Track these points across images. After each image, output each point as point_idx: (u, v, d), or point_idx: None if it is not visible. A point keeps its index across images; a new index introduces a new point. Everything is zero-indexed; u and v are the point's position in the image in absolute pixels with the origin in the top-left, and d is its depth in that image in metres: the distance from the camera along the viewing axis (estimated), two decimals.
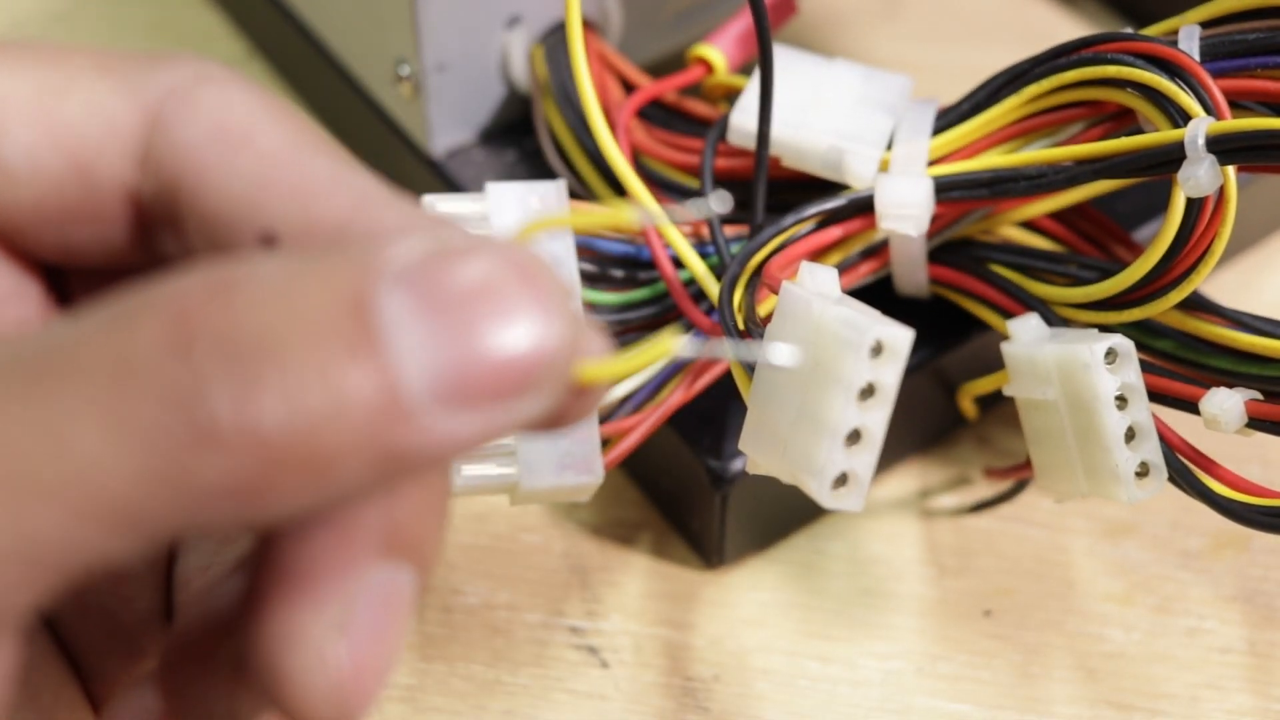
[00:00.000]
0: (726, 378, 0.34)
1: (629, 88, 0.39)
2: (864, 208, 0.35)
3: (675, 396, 0.34)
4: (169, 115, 0.20)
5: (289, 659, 0.19)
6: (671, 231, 0.34)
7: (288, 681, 0.19)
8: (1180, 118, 0.31)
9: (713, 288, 0.34)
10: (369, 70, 0.44)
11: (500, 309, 0.18)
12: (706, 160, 0.36)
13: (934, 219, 0.35)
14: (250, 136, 0.20)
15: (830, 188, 0.36)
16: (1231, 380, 0.32)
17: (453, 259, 0.18)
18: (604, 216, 0.19)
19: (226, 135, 0.20)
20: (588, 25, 0.40)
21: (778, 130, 0.36)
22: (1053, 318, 0.34)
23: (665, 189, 0.38)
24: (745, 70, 0.38)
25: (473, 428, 0.18)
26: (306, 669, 0.19)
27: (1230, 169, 0.31)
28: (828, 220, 0.35)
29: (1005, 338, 0.34)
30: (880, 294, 0.36)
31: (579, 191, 0.38)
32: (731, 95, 0.38)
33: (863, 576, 0.39)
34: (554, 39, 0.40)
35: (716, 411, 0.37)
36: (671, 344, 0.19)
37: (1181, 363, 0.34)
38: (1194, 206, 0.31)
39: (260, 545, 0.20)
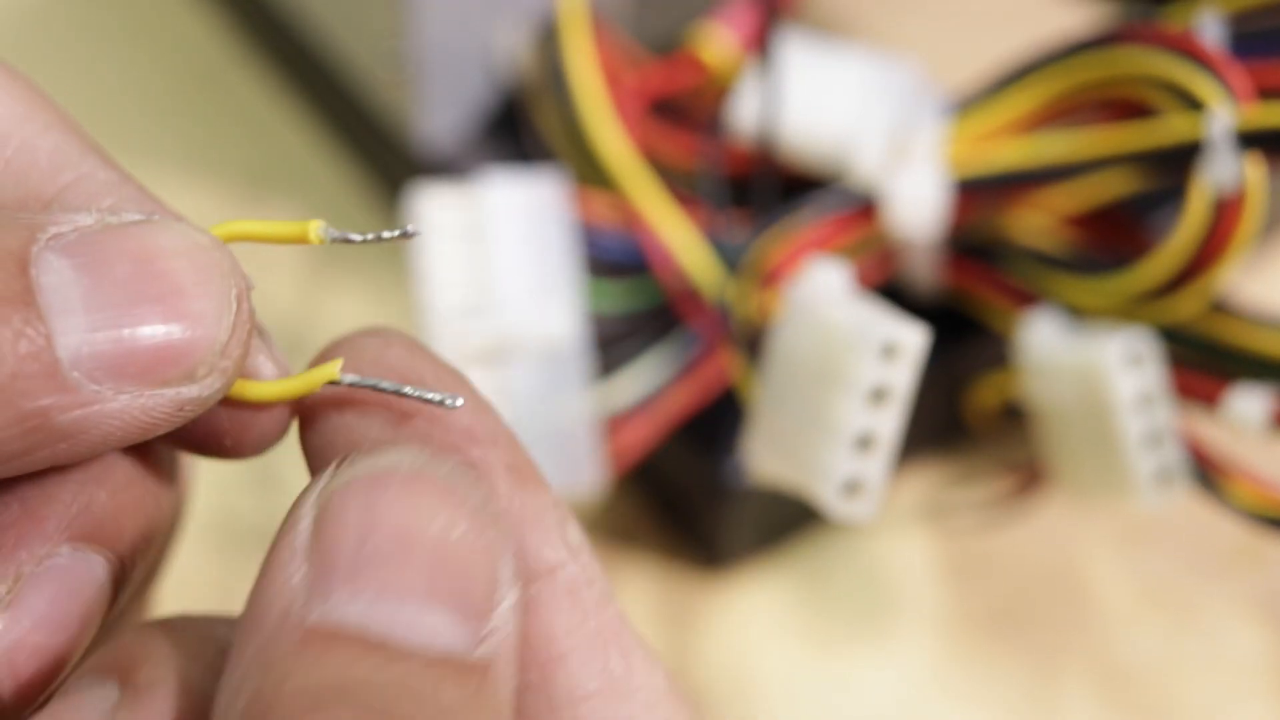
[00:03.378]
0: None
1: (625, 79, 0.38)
2: (873, 203, 0.34)
3: (681, 399, 0.34)
4: None
5: None
6: (669, 227, 0.34)
7: None
8: (1203, 111, 0.30)
9: (710, 287, 0.33)
10: (358, 64, 0.44)
11: (160, 287, 0.17)
12: (706, 154, 0.35)
13: (946, 215, 0.34)
14: None
15: (837, 182, 0.35)
16: (1255, 381, 0.31)
17: (121, 230, 0.18)
18: (292, 228, 0.19)
19: None
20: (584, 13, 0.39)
21: (781, 123, 0.35)
22: (1069, 317, 0.33)
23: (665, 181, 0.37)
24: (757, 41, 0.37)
25: (126, 404, 0.17)
26: None
27: (1259, 165, 0.30)
28: (835, 216, 0.34)
29: (1018, 339, 0.34)
30: (890, 295, 0.35)
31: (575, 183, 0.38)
32: (733, 86, 0.37)
33: (872, 583, 0.39)
34: (548, 28, 0.39)
35: (722, 414, 0.36)
36: (333, 370, 0.19)
37: (1203, 363, 0.33)
38: (1214, 202, 0.30)
39: None
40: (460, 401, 0.19)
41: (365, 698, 0.15)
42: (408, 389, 0.19)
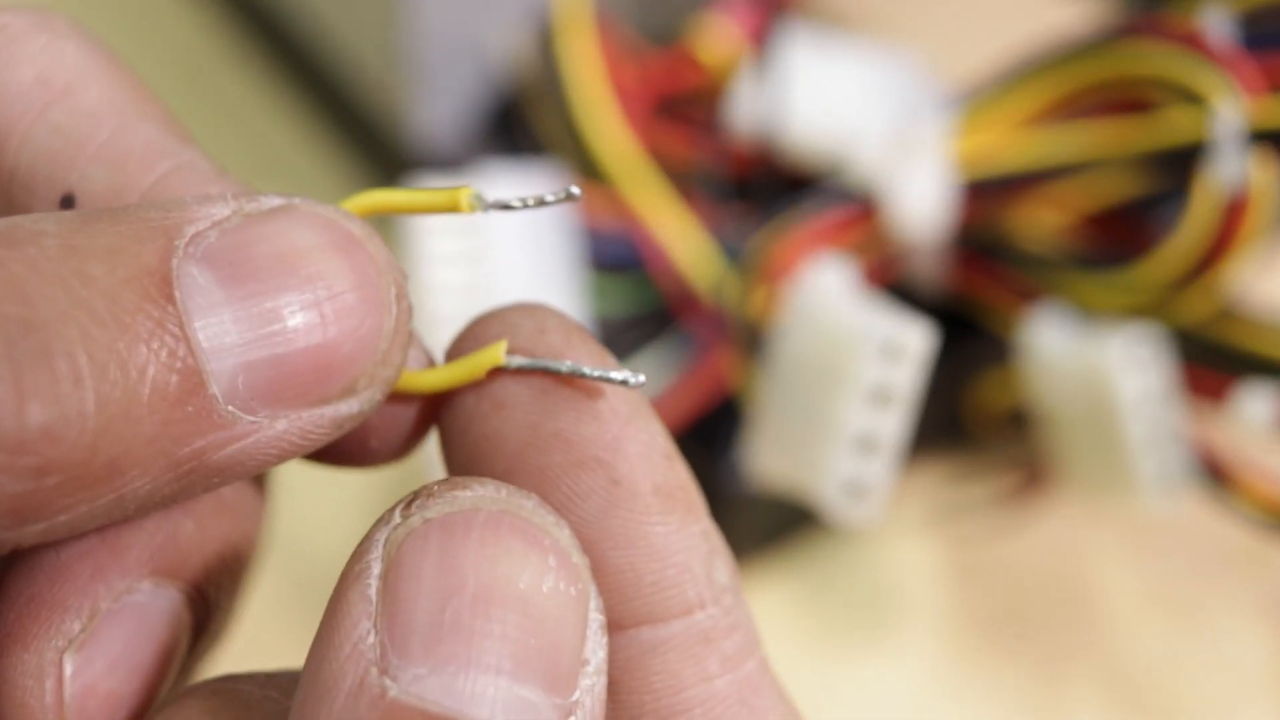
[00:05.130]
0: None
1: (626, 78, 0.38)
2: (876, 200, 0.34)
3: (683, 400, 0.33)
4: None
5: (8, 672, 0.16)
6: (669, 225, 0.33)
7: (4, 698, 0.16)
8: (1211, 108, 0.30)
9: (711, 286, 0.33)
10: (351, 56, 0.43)
11: (315, 293, 0.15)
12: (707, 152, 0.35)
13: (951, 215, 0.33)
14: (72, 90, 0.18)
15: (838, 177, 0.34)
16: (1263, 382, 0.31)
17: (263, 225, 0.16)
18: (441, 197, 0.17)
19: (47, 85, 0.18)
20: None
21: (784, 119, 0.34)
22: (1075, 316, 0.33)
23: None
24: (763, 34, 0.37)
25: (284, 429, 0.16)
26: (24, 685, 0.16)
27: (1268, 161, 0.29)
28: (837, 213, 0.34)
29: (1022, 338, 0.33)
30: (897, 295, 0.35)
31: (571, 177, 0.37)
32: (734, 81, 0.37)
33: (876, 586, 0.38)
34: (547, 24, 0.39)
35: (723, 416, 0.36)
36: (498, 354, 0.17)
37: (1208, 362, 0.32)
38: (1223, 197, 0.30)
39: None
40: (643, 379, 0.17)
41: None
42: (587, 369, 0.17)
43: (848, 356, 0.28)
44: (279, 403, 0.15)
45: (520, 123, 0.41)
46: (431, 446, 0.19)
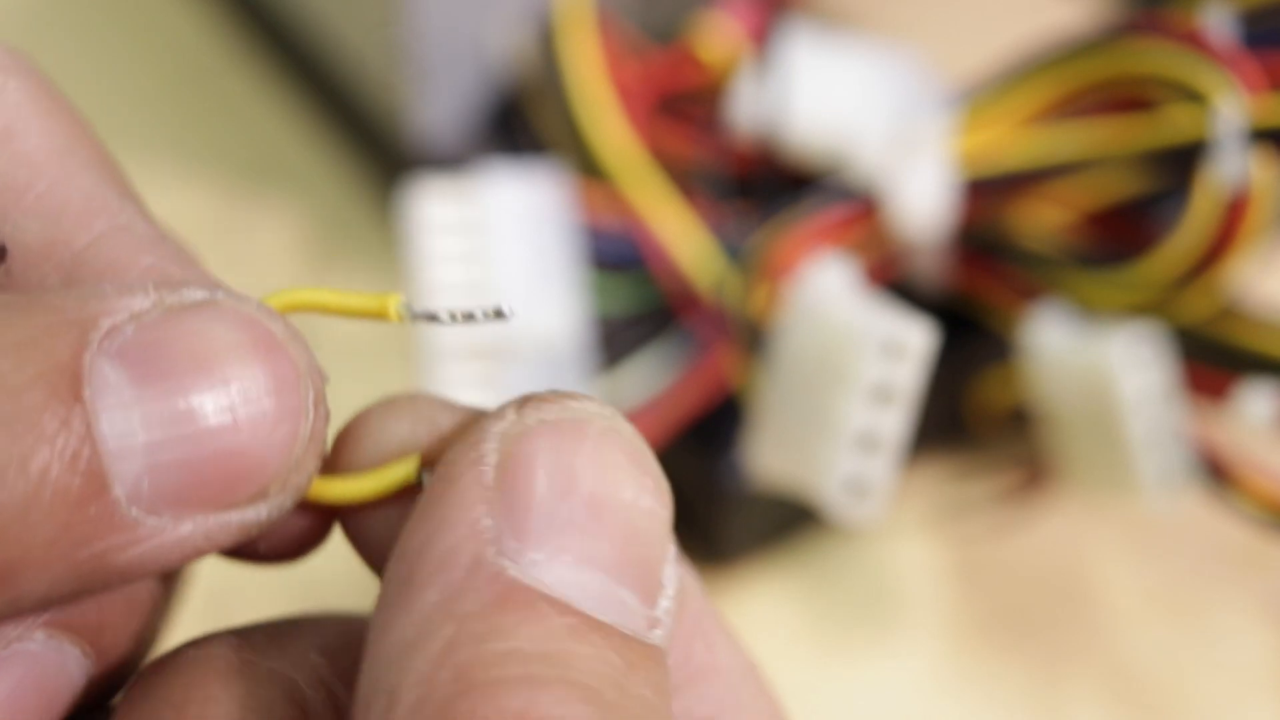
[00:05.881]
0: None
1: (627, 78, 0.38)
2: (877, 199, 0.34)
3: (684, 399, 0.33)
4: None
5: None
6: (671, 224, 0.33)
7: None
8: (1212, 106, 0.30)
9: (706, 285, 0.33)
10: (352, 55, 0.43)
11: (231, 398, 0.15)
12: (709, 150, 0.35)
13: (952, 214, 0.33)
14: (11, 134, 0.17)
15: (839, 175, 0.34)
16: (1265, 380, 0.31)
17: (182, 322, 0.15)
18: (369, 302, 0.17)
19: None
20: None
21: (785, 117, 0.34)
22: (1076, 314, 0.33)
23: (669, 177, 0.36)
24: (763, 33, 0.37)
25: (189, 532, 0.15)
26: None
27: (1270, 160, 0.29)
28: (839, 211, 0.34)
29: (1023, 337, 0.33)
30: (899, 294, 0.35)
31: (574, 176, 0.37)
32: (736, 80, 0.37)
33: (877, 585, 0.38)
34: (548, 21, 0.39)
35: (724, 414, 0.35)
36: (412, 469, 0.17)
37: (1210, 361, 0.32)
38: (1225, 196, 0.30)
39: None
40: None
41: (572, 674, 0.14)
42: None
43: (849, 355, 0.28)
44: (185, 506, 0.15)
45: (521, 121, 0.41)
46: None
